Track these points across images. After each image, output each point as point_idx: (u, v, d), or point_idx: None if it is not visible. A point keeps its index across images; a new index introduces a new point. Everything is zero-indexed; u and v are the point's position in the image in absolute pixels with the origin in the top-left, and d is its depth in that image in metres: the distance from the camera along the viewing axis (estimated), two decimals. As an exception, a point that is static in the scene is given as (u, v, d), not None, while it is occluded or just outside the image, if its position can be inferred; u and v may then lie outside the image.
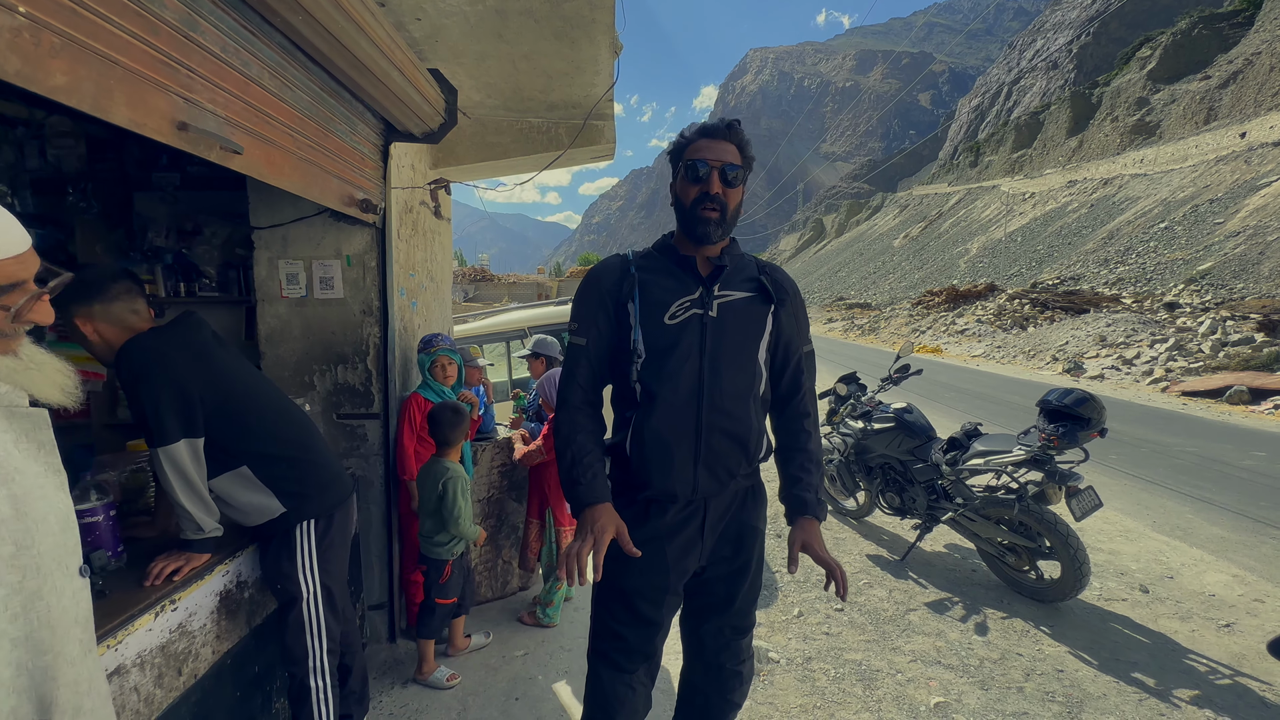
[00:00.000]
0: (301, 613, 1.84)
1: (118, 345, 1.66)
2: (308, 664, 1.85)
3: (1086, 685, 2.61)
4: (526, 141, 3.21)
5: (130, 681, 1.44)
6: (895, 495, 3.97)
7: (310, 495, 1.86)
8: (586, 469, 1.44)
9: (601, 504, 1.40)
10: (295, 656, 1.86)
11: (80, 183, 2.86)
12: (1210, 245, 22.50)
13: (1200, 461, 6.21)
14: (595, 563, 1.33)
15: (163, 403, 1.64)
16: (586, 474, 1.43)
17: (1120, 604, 3.34)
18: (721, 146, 1.44)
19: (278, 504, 1.81)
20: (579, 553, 1.31)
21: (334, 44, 1.81)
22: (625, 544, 1.36)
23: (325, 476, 1.93)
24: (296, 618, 1.85)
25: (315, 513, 1.87)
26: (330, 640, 1.89)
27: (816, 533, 1.45)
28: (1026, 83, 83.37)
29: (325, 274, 2.63)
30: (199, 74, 1.41)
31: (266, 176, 1.75)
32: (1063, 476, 3.15)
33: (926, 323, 25.25)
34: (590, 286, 1.54)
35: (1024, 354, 16.26)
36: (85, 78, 1.11)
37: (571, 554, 1.29)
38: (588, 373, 1.52)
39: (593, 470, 1.44)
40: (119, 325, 1.68)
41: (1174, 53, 46.86)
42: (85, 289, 1.64)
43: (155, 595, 1.54)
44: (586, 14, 2.14)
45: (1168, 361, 12.04)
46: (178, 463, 1.64)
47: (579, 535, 1.36)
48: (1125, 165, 40.27)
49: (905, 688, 2.60)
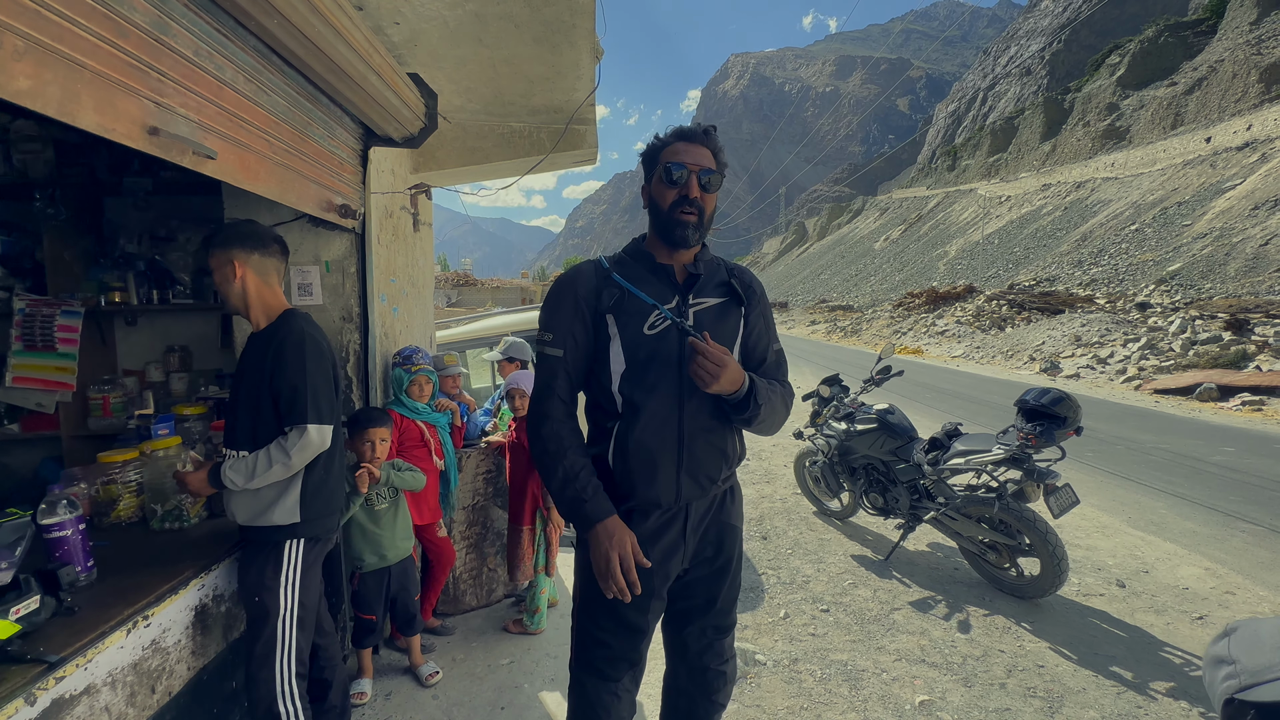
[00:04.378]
0: (275, 630, 1.78)
1: (257, 302, 1.81)
2: (276, 688, 1.78)
3: (1066, 680, 2.65)
4: (508, 146, 3.20)
5: (100, 701, 1.40)
6: (879, 495, 4.01)
7: (318, 516, 1.87)
8: (585, 485, 1.42)
9: (612, 517, 1.41)
10: (261, 680, 1.77)
11: (48, 188, 2.78)
12: (1179, 246, 23.13)
13: (1172, 458, 6.36)
14: (631, 579, 1.37)
15: (319, 386, 1.78)
16: (587, 490, 1.41)
17: (1098, 599, 3.40)
18: (698, 151, 1.44)
19: (296, 512, 1.81)
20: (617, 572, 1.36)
21: (311, 48, 1.79)
22: (638, 555, 1.39)
23: (335, 503, 1.96)
24: (269, 635, 1.78)
25: (314, 534, 1.87)
26: (300, 664, 1.84)
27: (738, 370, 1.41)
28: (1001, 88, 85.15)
29: (304, 280, 2.59)
30: (170, 78, 1.38)
31: (241, 182, 1.72)
32: (1041, 474, 3.21)
33: (907, 324, 25.58)
34: (564, 294, 1.48)
35: (1002, 354, 16.55)
36: (51, 81, 1.08)
37: (615, 573, 1.35)
38: (566, 384, 1.48)
39: (592, 485, 1.42)
40: (264, 281, 1.82)
41: (1142, 60, 48.18)
42: (252, 237, 1.81)
43: (127, 611, 1.50)
44: (567, 19, 2.14)
45: (1140, 360, 12.33)
46: (309, 441, 1.74)
47: (601, 552, 1.37)
48: (1097, 169, 41.25)
49: (890, 687, 2.62)
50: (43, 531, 1.54)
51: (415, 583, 2.63)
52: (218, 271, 1.80)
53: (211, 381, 3.04)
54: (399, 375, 2.74)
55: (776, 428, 1.59)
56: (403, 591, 2.55)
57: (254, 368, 1.81)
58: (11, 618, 1.27)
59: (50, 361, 2.86)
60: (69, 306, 2.85)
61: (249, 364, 1.84)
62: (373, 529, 2.46)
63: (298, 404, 1.74)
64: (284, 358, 1.76)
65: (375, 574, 2.48)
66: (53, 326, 2.83)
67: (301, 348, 1.77)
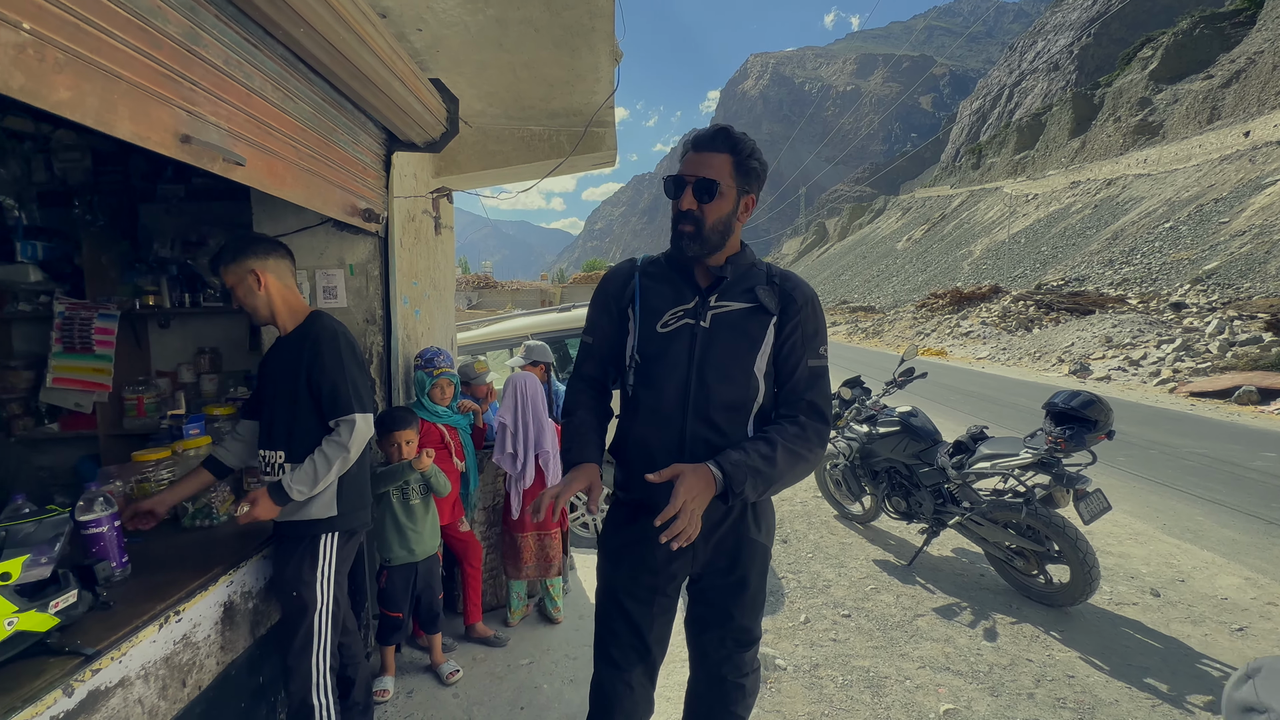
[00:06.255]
0: (312, 624, 1.84)
1: (283, 305, 1.86)
2: (311, 680, 1.84)
3: (1098, 691, 2.58)
4: (528, 149, 3.22)
5: (134, 694, 1.43)
6: (901, 499, 3.94)
7: (352, 510, 1.92)
8: (576, 436, 1.52)
9: (582, 465, 1.45)
10: (299, 673, 1.83)
11: (86, 195, 2.88)
12: (1216, 245, 22.37)
13: (1210, 463, 6.15)
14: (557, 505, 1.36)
15: (358, 378, 1.86)
16: (577, 440, 1.51)
17: (1131, 608, 3.30)
18: (705, 159, 1.42)
19: (334, 506, 1.86)
20: (554, 494, 1.36)
21: (336, 56, 1.83)
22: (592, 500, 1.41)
23: (366, 496, 2.02)
24: (306, 630, 1.84)
25: (349, 526, 1.92)
26: (332, 656, 1.89)
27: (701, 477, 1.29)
28: (1028, 84, 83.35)
29: (329, 283, 2.64)
30: (201, 87, 1.42)
31: (269, 187, 1.75)
32: (1070, 479, 3.13)
33: (931, 325, 25.14)
34: (599, 291, 1.61)
35: (1029, 356, 16.18)
36: (89, 92, 1.12)
37: (547, 495, 1.36)
38: (592, 365, 1.62)
39: (583, 438, 1.51)
40: (284, 285, 1.87)
41: (1176, 53, 46.74)
42: (263, 243, 1.85)
43: (159, 606, 1.54)
44: (586, 22, 2.15)
45: (1175, 362, 11.96)
46: (359, 430, 1.80)
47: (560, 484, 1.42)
48: (1129, 165, 40.11)
49: (914, 694, 2.57)
50: (80, 528, 1.59)
51: (440, 582, 2.67)
52: (239, 285, 1.81)
53: (240, 383, 3.12)
54: (420, 378, 2.77)
55: (803, 475, 1.47)
56: (427, 590, 2.59)
57: (286, 369, 1.84)
58: (50, 611, 1.31)
59: (88, 363, 2.95)
60: (105, 310, 2.95)
61: (279, 365, 1.88)
62: (406, 523, 2.49)
63: (341, 397, 1.81)
64: (320, 354, 1.81)
65: (403, 571, 2.52)
66: (90, 329, 2.93)
67: (336, 343, 1.84)
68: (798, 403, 1.47)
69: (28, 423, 3.09)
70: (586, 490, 1.40)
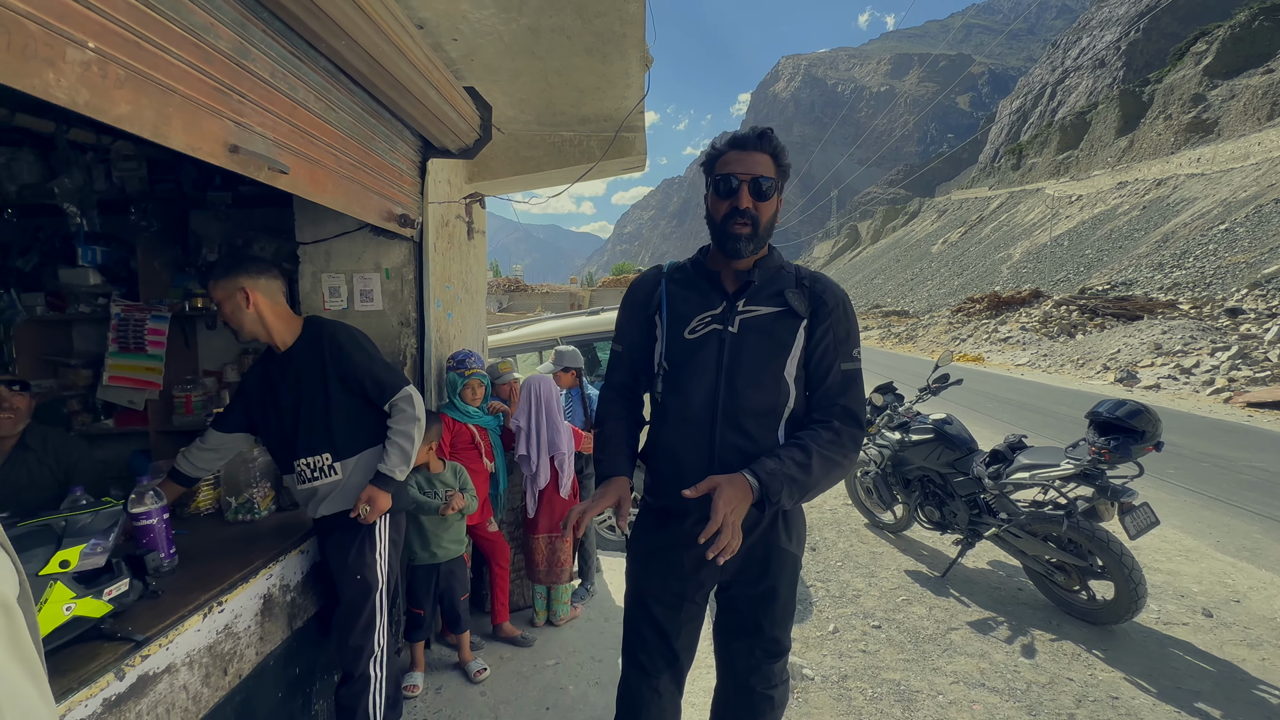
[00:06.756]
0: (375, 602, 1.95)
1: (275, 321, 1.89)
2: (374, 655, 1.95)
3: (1144, 714, 2.46)
4: (559, 155, 3.26)
5: (180, 680, 1.50)
6: (935, 509, 3.85)
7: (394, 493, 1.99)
8: (606, 448, 1.53)
9: (614, 479, 1.45)
10: (365, 649, 1.94)
11: (141, 202, 3.04)
12: (1276, 247, 21.21)
13: (1269, 477, 5.82)
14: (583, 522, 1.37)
15: (378, 356, 1.97)
16: (608, 452, 1.53)
17: (1181, 628, 3.15)
18: (753, 158, 1.41)
19: None
20: (582, 510, 1.37)
21: (375, 66, 1.89)
22: (620, 516, 1.41)
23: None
24: (370, 609, 1.94)
25: (397, 506, 2.01)
26: (389, 632, 2.01)
27: (738, 488, 1.29)
28: (1071, 82, 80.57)
29: (365, 286, 2.71)
30: (249, 99, 1.48)
31: (311, 194, 1.82)
32: (1115, 492, 3.00)
33: (967, 330, 24.45)
34: (627, 298, 1.63)
35: (1072, 363, 15.59)
36: (146, 106, 1.18)
37: (575, 510, 1.37)
38: (623, 372, 1.63)
39: (614, 450, 1.52)
40: (274, 302, 1.90)
41: (1232, 46, 44.56)
42: (255, 263, 1.89)
43: (203, 596, 1.61)
44: (617, 29, 2.17)
45: (1230, 370, 11.36)
46: (415, 398, 1.92)
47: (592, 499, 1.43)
48: (1180, 165, 38.36)
49: (946, 710, 2.50)
50: (132, 520, 1.67)
51: (463, 584, 2.71)
52: (227, 302, 1.83)
53: (281, 382, 3.22)
54: (453, 379, 2.83)
55: (837, 481, 1.46)
56: (449, 591, 2.64)
57: (306, 376, 1.89)
58: (105, 598, 1.38)
59: (140, 362, 3.10)
60: (158, 311, 3.09)
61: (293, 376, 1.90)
62: (426, 523, 2.55)
63: (384, 380, 1.91)
64: (344, 351, 1.89)
65: (425, 570, 2.58)
66: (143, 330, 3.07)
67: (352, 337, 1.94)
68: (831, 407, 1.45)
69: (86, 418, 3.26)
70: (616, 505, 1.41)
